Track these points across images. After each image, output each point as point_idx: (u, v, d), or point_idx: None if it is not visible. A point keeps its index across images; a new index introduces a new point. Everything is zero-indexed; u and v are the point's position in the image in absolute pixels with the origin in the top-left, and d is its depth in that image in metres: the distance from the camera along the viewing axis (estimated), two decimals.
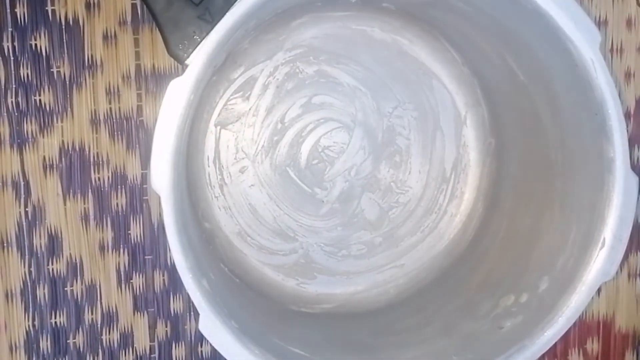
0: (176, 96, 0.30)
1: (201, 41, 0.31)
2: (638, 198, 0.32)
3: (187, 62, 0.31)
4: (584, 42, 0.31)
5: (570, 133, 0.34)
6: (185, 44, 0.31)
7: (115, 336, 0.42)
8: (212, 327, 0.31)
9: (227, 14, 0.30)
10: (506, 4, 0.32)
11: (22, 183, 0.41)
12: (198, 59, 0.30)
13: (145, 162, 0.42)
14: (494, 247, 0.40)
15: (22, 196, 0.41)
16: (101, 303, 0.42)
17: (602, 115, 0.31)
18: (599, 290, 0.46)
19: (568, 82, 0.33)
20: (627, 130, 0.45)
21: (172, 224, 0.31)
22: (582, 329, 0.46)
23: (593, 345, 0.47)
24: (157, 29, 0.32)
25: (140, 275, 0.42)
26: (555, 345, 0.33)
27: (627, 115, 0.45)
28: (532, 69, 0.35)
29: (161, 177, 0.30)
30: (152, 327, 0.43)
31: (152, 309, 0.43)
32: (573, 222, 0.34)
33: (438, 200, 0.43)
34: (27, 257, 0.41)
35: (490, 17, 0.34)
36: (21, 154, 0.41)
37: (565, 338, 0.45)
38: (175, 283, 0.42)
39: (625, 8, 0.44)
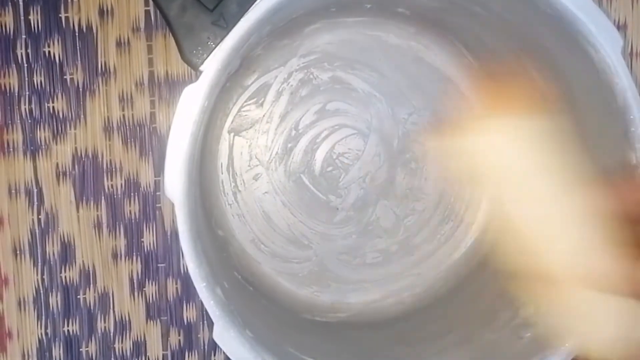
0: (190, 103, 0.30)
1: (215, 47, 0.30)
2: None
3: (201, 68, 0.30)
4: (606, 46, 0.30)
5: (591, 140, 0.33)
6: (199, 50, 0.31)
7: (128, 345, 0.42)
8: (227, 337, 0.31)
9: (242, 19, 0.30)
10: (525, 8, 0.31)
11: (35, 190, 0.41)
12: (212, 65, 0.30)
13: (158, 169, 0.41)
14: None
15: (35, 203, 0.41)
16: (114, 311, 0.42)
17: (624, 121, 0.31)
18: None
19: (589, 87, 0.32)
20: None
21: (186, 231, 0.30)
22: None
23: None
24: (170, 35, 0.32)
25: (153, 284, 0.42)
26: None
27: None
28: (552, 74, 0.35)
29: (175, 184, 0.30)
30: (165, 336, 0.42)
31: (165, 318, 0.42)
32: None
33: (455, 209, 0.42)
34: (39, 264, 0.41)
35: (508, 22, 0.34)
36: (34, 161, 0.40)
37: None
38: (188, 291, 0.42)
39: None
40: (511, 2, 0.32)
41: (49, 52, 0.40)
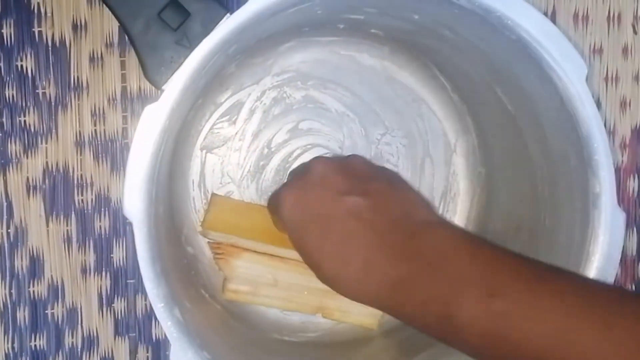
0: (151, 122, 0.30)
1: (178, 67, 0.30)
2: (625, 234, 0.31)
3: (163, 87, 0.30)
4: (570, 73, 0.30)
5: (557, 166, 0.33)
6: (161, 69, 0.31)
7: None
8: (184, 358, 0.31)
9: (204, 40, 0.29)
10: (491, 33, 0.31)
11: (4, 204, 0.40)
12: (174, 84, 0.30)
13: None
14: None
15: (4, 217, 0.40)
16: (82, 327, 0.41)
17: (588, 149, 0.31)
18: None
19: (554, 114, 0.32)
20: (622, 161, 0.44)
21: (145, 251, 0.30)
22: None
23: None
24: None
25: (122, 300, 0.42)
26: None
27: (622, 145, 0.44)
28: (519, 99, 0.34)
29: (134, 204, 0.30)
30: (133, 352, 0.42)
31: (134, 334, 0.42)
32: (559, 258, 0.33)
33: None
34: (7, 278, 0.41)
35: (476, 47, 0.34)
36: (4, 174, 0.40)
37: None
38: None
39: (621, 36, 0.43)
40: (478, 28, 0.32)
41: (22, 65, 0.40)
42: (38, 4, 0.40)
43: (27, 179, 0.40)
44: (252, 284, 0.39)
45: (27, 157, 0.40)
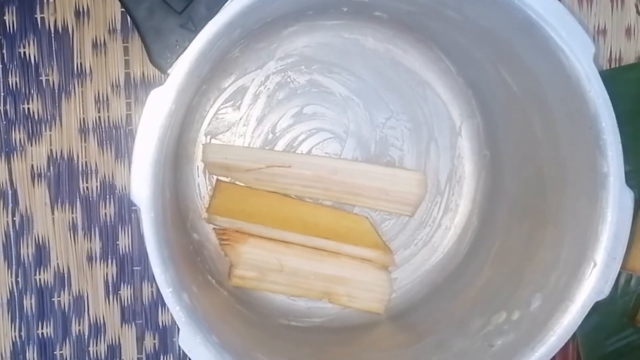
0: (157, 106, 0.29)
1: (183, 50, 0.30)
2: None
3: (168, 71, 0.30)
4: (577, 53, 0.30)
5: (563, 147, 0.33)
6: (167, 53, 0.30)
7: (103, 348, 0.42)
8: (192, 342, 0.31)
9: (209, 23, 0.29)
10: (497, 13, 0.31)
11: (9, 192, 0.40)
12: (179, 68, 0.29)
13: None
14: (487, 262, 0.39)
15: (10, 205, 0.40)
16: (88, 314, 0.41)
17: (595, 128, 0.30)
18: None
19: (561, 94, 0.32)
20: None
21: (152, 235, 0.30)
22: None
23: None
24: None
25: (129, 287, 0.42)
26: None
27: None
28: (525, 80, 0.34)
29: (141, 188, 0.30)
30: (140, 339, 0.42)
31: (140, 321, 0.42)
32: (566, 239, 0.33)
33: (432, 213, 0.42)
34: (14, 267, 0.41)
35: (481, 27, 0.34)
36: (9, 162, 0.40)
37: (564, 355, 0.44)
38: None
39: (625, 17, 0.43)
40: (483, 8, 0.32)
41: (25, 52, 0.40)
42: None
43: (32, 166, 0.40)
44: (258, 269, 0.39)
45: (32, 145, 0.40)
